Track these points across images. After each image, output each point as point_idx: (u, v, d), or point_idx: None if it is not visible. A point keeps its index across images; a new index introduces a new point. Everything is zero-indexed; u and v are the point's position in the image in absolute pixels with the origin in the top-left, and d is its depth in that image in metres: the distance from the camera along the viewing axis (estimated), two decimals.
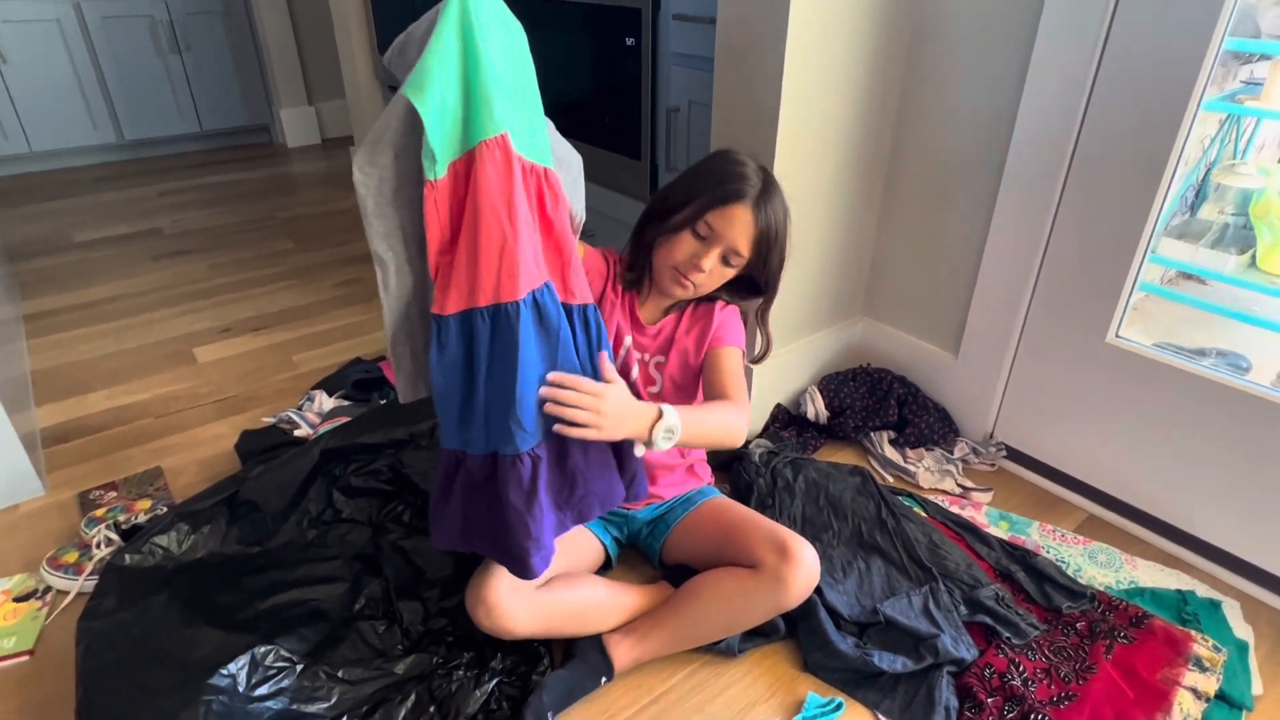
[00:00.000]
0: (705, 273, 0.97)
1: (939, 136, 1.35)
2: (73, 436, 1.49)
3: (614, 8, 1.56)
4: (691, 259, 0.96)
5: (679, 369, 1.07)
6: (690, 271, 0.97)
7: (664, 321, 1.07)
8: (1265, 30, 1.21)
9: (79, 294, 2.08)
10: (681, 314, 1.08)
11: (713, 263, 0.96)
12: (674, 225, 0.97)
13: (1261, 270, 1.32)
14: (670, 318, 1.07)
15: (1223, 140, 1.38)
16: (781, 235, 0.98)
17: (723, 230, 0.95)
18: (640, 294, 1.06)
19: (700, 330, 1.06)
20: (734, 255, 0.97)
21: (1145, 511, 1.26)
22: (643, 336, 1.06)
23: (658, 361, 1.07)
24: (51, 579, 1.13)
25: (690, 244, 0.96)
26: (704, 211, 0.95)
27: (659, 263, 1.00)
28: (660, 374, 1.07)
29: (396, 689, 0.94)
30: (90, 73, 3.04)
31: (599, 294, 1.03)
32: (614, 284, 1.04)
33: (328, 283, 2.17)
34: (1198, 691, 0.97)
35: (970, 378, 1.43)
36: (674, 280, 0.99)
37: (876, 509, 1.25)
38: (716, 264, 0.97)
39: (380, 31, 2.52)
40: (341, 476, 1.21)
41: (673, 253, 0.98)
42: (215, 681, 0.88)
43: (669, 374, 1.07)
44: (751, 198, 0.94)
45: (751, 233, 0.95)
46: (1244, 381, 1.12)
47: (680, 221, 0.96)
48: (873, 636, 1.04)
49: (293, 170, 3.27)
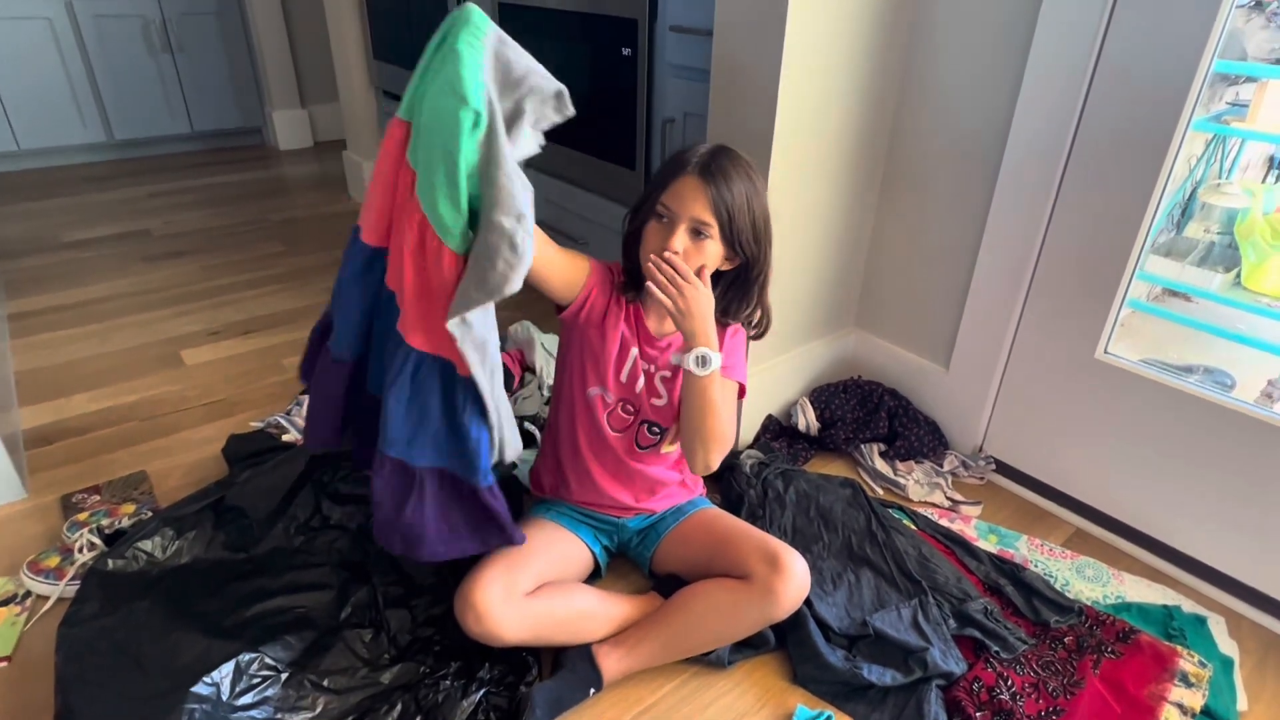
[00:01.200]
0: (680, 253, 0.94)
1: (932, 151, 1.36)
2: (56, 439, 1.47)
3: (611, 18, 1.56)
4: (661, 243, 0.95)
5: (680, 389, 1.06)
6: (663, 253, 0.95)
7: (674, 336, 1.05)
8: (1251, 53, 1.24)
9: (66, 294, 2.06)
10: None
11: (683, 240, 0.94)
12: (641, 221, 0.99)
13: (1246, 289, 1.34)
14: (679, 334, 1.05)
15: (1209, 160, 1.41)
16: (742, 199, 0.94)
17: (678, 206, 0.94)
18: (644, 303, 1.05)
19: None
20: (702, 226, 0.94)
21: (1132, 526, 1.27)
22: (652, 349, 1.05)
23: (663, 376, 1.05)
24: (32, 584, 1.11)
25: (657, 230, 0.96)
26: (658, 195, 0.96)
27: (642, 262, 0.99)
28: (666, 389, 1.06)
29: (383, 698, 0.93)
30: (81, 72, 3.02)
31: (604, 307, 1.02)
32: (617, 296, 1.04)
33: (318, 286, 2.16)
34: (1184, 707, 0.97)
35: (960, 391, 1.44)
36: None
37: (866, 521, 1.25)
38: (688, 241, 0.95)
39: (375, 35, 2.52)
40: (330, 482, 1.20)
41: (647, 246, 0.97)
42: (198, 690, 0.86)
43: (674, 390, 1.06)
44: (696, 166, 0.94)
45: (705, 199, 0.93)
46: (1229, 399, 1.13)
47: (645, 215, 0.98)
48: (862, 649, 1.04)
49: (284, 173, 3.26)
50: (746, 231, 0.96)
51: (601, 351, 1.03)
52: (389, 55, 2.47)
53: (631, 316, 1.05)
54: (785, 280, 1.40)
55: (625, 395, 1.06)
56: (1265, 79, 1.22)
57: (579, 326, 1.03)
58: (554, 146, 2.12)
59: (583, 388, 1.05)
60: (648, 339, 1.05)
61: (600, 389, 1.05)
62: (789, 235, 1.35)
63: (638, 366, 1.05)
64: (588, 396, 1.05)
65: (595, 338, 1.03)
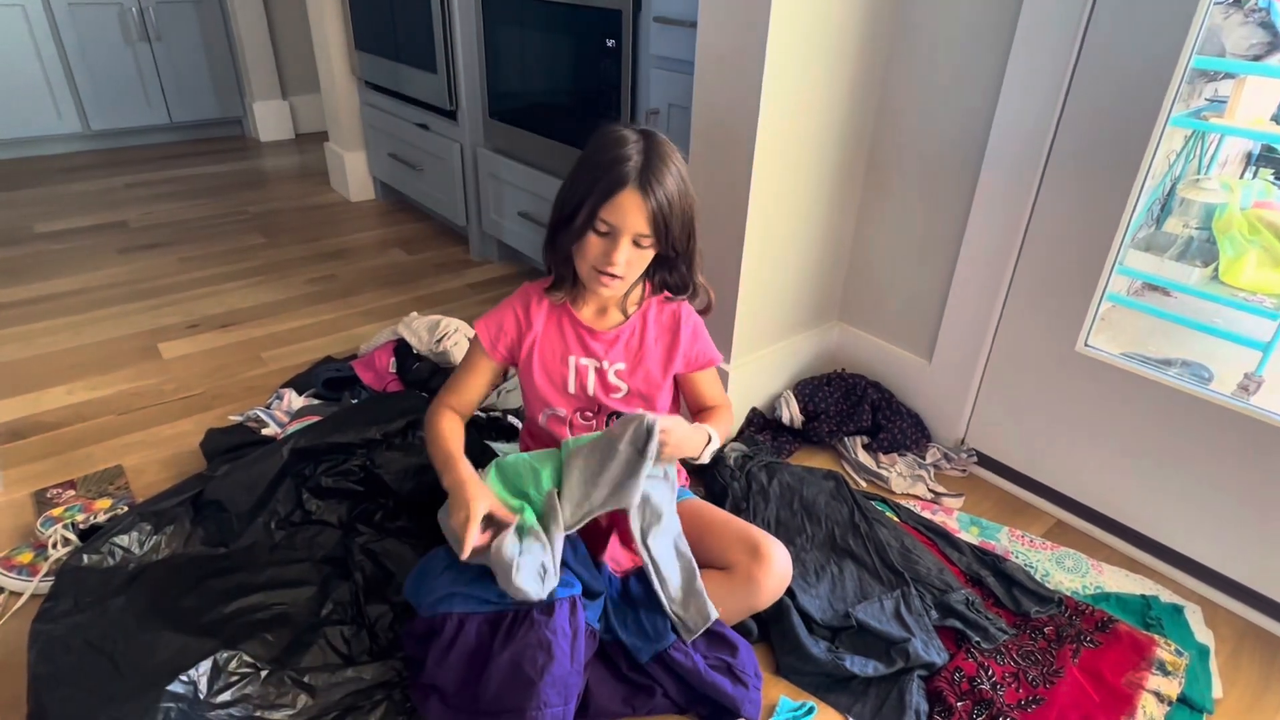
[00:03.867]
0: (622, 265, 0.94)
1: (915, 145, 1.36)
2: (30, 433, 1.44)
3: (595, 9, 1.55)
4: (604, 256, 0.94)
5: (644, 380, 1.06)
6: (607, 268, 0.94)
7: (622, 328, 1.05)
8: (1230, 49, 1.25)
9: (39, 286, 2.02)
10: (643, 319, 1.06)
11: (625, 254, 0.94)
12: (578, 229, 0.94)
13: (1224, 283, 1.36)
14: (630, 324, 1.05)
15: (1188, 156, 1.42)
16: (676, 203, 0.93)
17: (619, 221, 0.92)
18: (574, 301, 1.05)
19: (668, 345, 1.06)
20: (642, 238, 0.94)
21: (1111, 517, 1.29)
22: (596, 342, 1.04)
23: (618, 369, 1.05)
24: (4, 580, 1.09)
25: (597, 244, 0.94)
26: (596, 210, 0.92)
27: (581, 268, 0.98)
28: (623, 381, 1.05)
29: (364, 696, 0.92)
30: (56, 61, 2.96)
31: (521, 338, 1.05)
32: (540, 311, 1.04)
33: (299, 279, 2.13)
34: (1161, 695, 0.99)
35: (943, 384, 1.45)
36: (597, 281, 0.97)
37: (849, 513, 1.26)
38: (631, 252, 0.94)
39: (357, 25, 2.49)
40: (311, 476, 1.19)
41: (586, 256, 0.95)
42: (174, 688, 0.85)
43: (634, 383, 1.06)
44: (634, 180, 0.90)
45: (645, 213, 0.92)
46: (1207, 391, 1.15)
47: (581, 225, 0.93)
48: (845, 640, 1.05)
49: (265, 165, 3.21)
50: (677, 230, 0.95)
51: (539, 382, 1.06)
52: (371, 46, 2.44)
53: (564, 321, 1.05)
54: (769, 274, 1.40)
55: (580, 405, 1.07)
56: (1243, 75, 1.23)
57: (519, 369, 1.07)
58: (537, 137, 2.12)
59: (537, 414, 1.09)
60: (589, 337, 1.04)
61: (550, 411, 1.07)
62: (772, 228, 1.35)
63: (583, 371, 1.05)
64: (543, 420, 1.09)
65: (527, 371, 1.06)
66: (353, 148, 2.77)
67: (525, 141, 1.93)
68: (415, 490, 1.17)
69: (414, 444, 1.24)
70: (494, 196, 2.14)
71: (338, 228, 2.55)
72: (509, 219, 2.11)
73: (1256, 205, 1.39)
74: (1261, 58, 1.25)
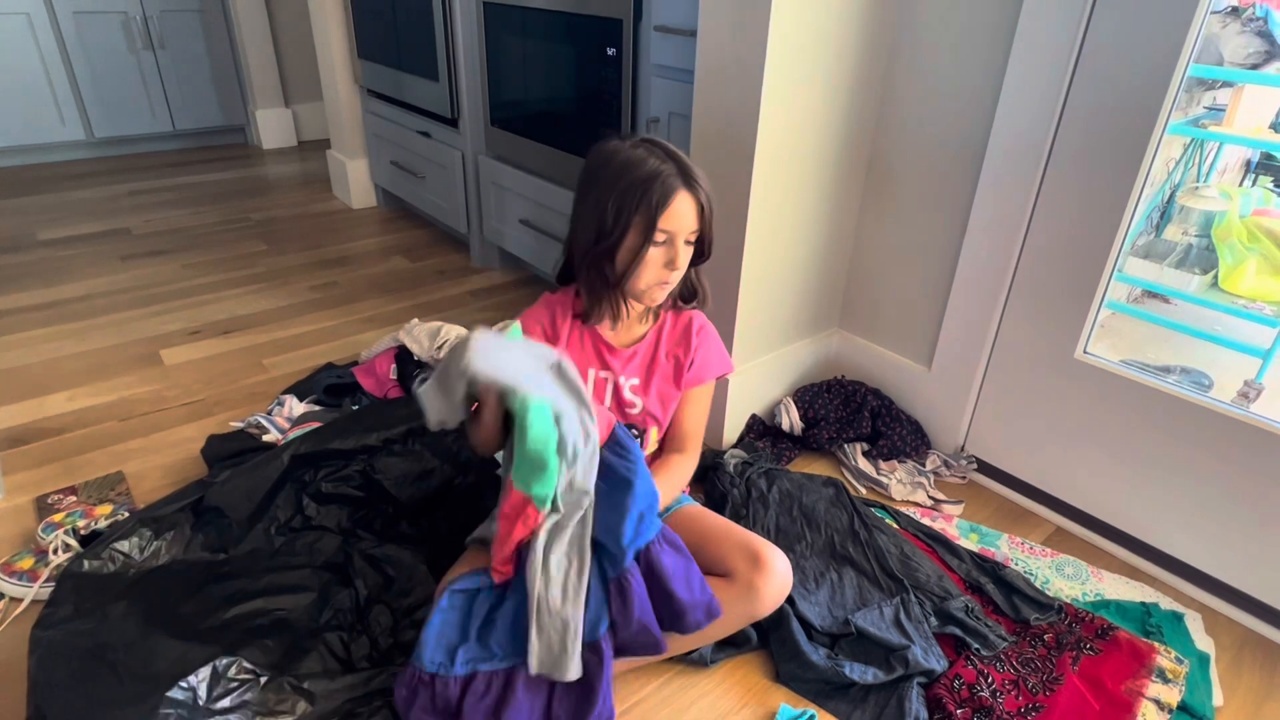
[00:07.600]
0: (681, 267, 0.98)
1: (915, 152, 1.37)
2: (31, 439, 1.45)
3: (596, 18, 1.56)
4: (668, 264, 0.96)
5: (658, 394, 1.07)
6: (671, 272, 0.97)
7: (639, 345, 1.06)
8: (1227, 58, 1.26)
9: (42, 293, 2.03)
10: (658, 333, 1.07)
11: (685, 255, 0.97)
12: (634, 246, 0.95)
13: (1223, 290, 1.36)
14: (646, 340, 1.07)
15: (1186, 164, 1.43)
16: (711, 193, 0.97)
17: (677, 225, 0.94)
18: (612, 323, 1.06)
19: (679, 356, 1.07)
20: (692, 236, 0.97)
21: (1111, 525, 1.29)
22: (614, 359, 1.06)
23: (632, 384, 1.06)
24: (5, 586, 1.09)
25: (658, 254, 0.96)
26: (654, 221, 0.93)
27: (636, 287, 0.99)
28: (637, 396, 1.06)
29: (363, 702, 0.92)
30: (60, 68, 2.98)
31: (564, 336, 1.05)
32: (562, 326, 1.05)
33: (301, 286, 2.14)
34: (1161, 703, 0.99)
35: (943, 391, 1.45)
36: (657, 289, 0.99)
37: (849, 520, 1.26)
38: (686, 252, 0.97)
39: (359, 33, 2.50)
40: (312, 482, 1.19)
41: (645, 272, 0.97)
42: (174, 694, 0.85)
43: (648, 398, 1.07)
44: (683, 181, 0.93)
45: (696, 209, 0.95)
46: (1206, 399, 1.15)
47: (638, 241, 0.94)
48: (844, 647, 1.05)
49: (267, 172, 3.23)
50: (711, 226, 0.98)
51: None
52: (373, 54, 2.46)
53: (585, 336, 1.06)
54: (769, 281, 1.41)
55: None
56: (1241, 83, 1.24)
57: None
58: (538, 145, 2.13)
59: None
60: (608, 353, 1.06)
61: None
62: (773, 235, 1.35)
63: (601, 384, 1.06)
64: None
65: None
66: (355, 155, 2.78)
67: (527, 149, 1.93)
68: (415, 496, 1.18)
69: (414, 450, 1.24)
70: (495, 204, 2.15)
71: (340, 235, 2.56)
72: (510, 226, 2.12)
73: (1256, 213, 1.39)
74: (1259, 66, 1.25)
